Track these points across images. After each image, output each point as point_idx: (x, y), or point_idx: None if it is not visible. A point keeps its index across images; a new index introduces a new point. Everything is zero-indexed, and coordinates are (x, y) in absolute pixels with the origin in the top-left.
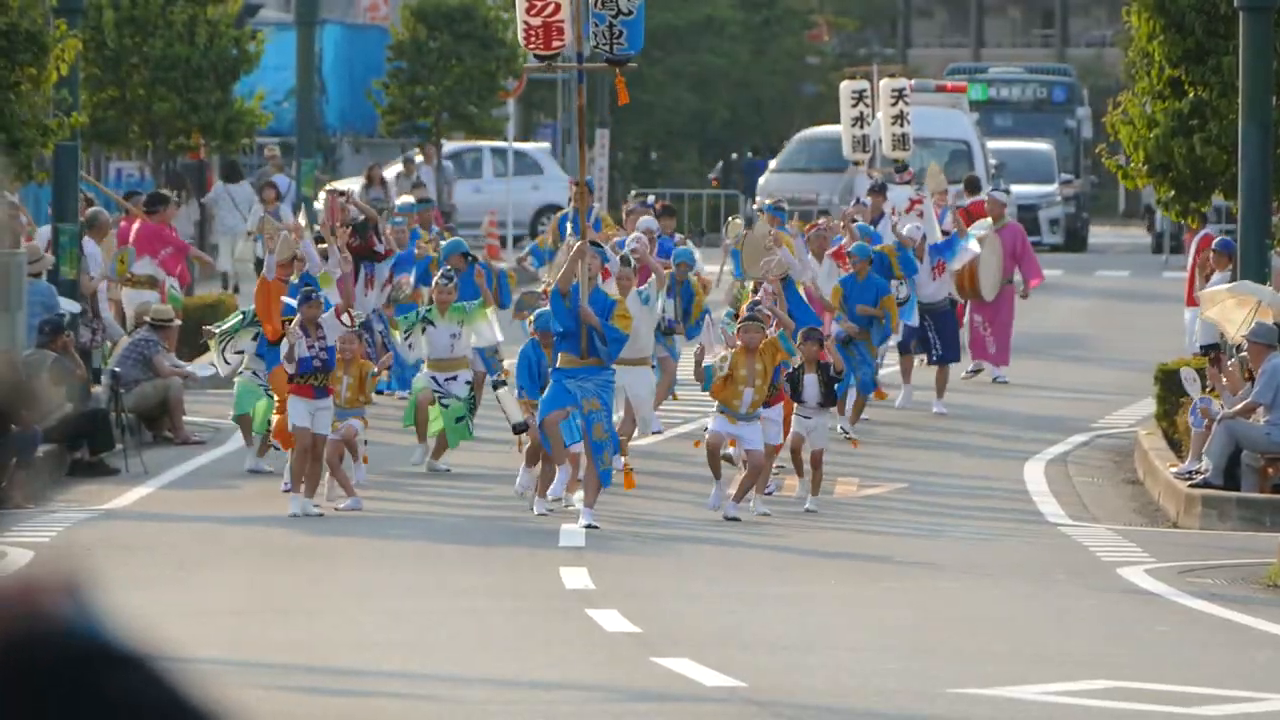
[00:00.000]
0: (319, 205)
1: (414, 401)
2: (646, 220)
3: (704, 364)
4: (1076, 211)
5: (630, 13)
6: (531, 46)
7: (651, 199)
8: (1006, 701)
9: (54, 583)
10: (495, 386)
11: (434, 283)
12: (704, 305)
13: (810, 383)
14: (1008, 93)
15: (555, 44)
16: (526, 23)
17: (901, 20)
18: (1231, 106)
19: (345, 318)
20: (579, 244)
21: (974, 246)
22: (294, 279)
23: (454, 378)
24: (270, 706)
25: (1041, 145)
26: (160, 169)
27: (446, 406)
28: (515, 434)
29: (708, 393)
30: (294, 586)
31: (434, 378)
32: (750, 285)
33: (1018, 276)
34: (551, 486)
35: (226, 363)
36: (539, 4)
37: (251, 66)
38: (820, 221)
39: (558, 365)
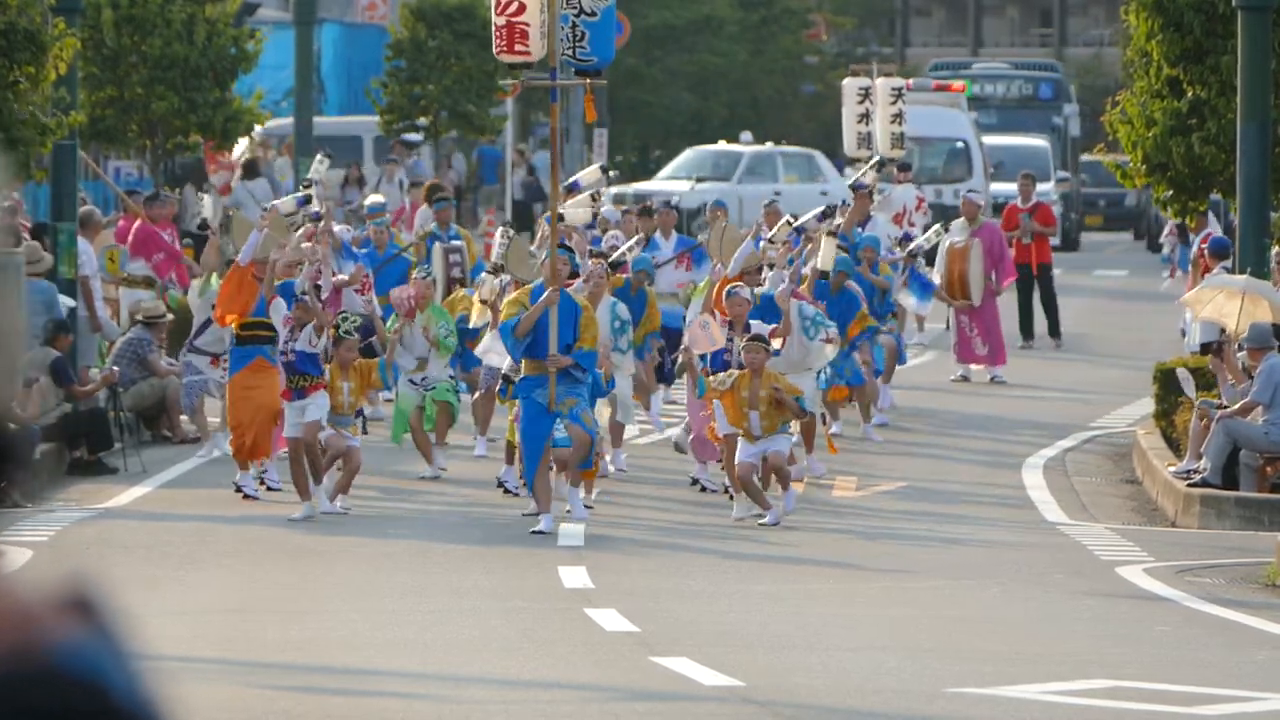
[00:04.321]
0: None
1: (400, 411)
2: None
3: (695, 356)
4: (1065, 211)
5: (594, 14)
6: (499, 50)
7: (675, 199)
8: (1006, 701)
9: (54, 604)
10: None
11: (412, 277)
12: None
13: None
14: (992, 89)
15: (518, 48)
16: (494, 23)
17: (899, 19)
18: (1230, 105)
19: (323, 334)
20: (549, 292)
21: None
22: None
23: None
24: (269, 706)
25: (1038, 141)
26: (159, 168)
27: (432, 389)
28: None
29: (701, 399)
30: (293, 586)
31: (411, 380)
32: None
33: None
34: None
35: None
36: (504, 1)
37: (250, 66)
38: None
39: (523, 374)
